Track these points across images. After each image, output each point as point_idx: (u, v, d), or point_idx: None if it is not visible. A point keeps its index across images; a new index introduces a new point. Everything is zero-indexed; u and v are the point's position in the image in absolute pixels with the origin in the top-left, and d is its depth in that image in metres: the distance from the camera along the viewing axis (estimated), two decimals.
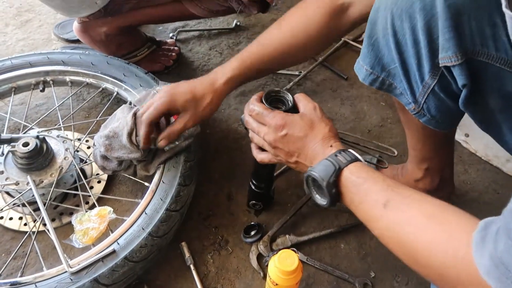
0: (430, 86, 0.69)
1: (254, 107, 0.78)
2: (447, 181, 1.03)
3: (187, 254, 0.98)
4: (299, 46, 0.89)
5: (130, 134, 0.93)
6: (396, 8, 0.66)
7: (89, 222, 0.88)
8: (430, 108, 0.73)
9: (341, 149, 0.70)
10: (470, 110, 0.69)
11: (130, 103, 1.09)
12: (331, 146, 0.71)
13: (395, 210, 0.59)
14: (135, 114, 0.95)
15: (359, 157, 0.69)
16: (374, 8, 0.71)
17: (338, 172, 0.66)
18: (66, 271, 0.82)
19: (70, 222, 1.03)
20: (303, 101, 0.78)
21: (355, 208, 0.66)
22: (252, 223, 1.04)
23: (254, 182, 0.99)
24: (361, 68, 0.77)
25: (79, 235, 0.87)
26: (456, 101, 0.69)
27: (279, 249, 0.99)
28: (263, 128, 0.77)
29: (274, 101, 0.81)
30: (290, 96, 0.80)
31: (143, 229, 0.88)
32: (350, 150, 0.70)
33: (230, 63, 0.90)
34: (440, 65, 0.64)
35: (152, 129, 0.90)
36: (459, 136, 1.27)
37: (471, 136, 1.25)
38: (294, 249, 1.00)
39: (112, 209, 0.91)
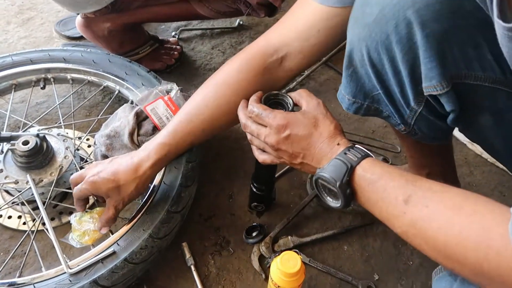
0: (417, 111, 0.67)
1: (253, 108, 0.73)
2: (452, 184, 1.01)
3: (188, 255, 0.97)
4: (231, 113, 0.80)
5: (131, 134, 0.92)
6: (371, 41, 0.63)
7: (89, 222, 0.87)
8: (421, 127, 0.71)
9: (349, 146, 0.66)
10: (460, 128, 0.69)
11: (132, 102, 1.08)
12: (338, 144, 0.66)
13: (418, 206, 0.56)
14: (136, 114, 0.94)
15: (369, 152, 0.65)
16: (348, 41, 0.68)
17: (351, 171, 0.62)
18: (65, 272, 0.81)
19: (69, 222, 1.02)
20: (305, 98, 0.73)
21: (371, 206, 0.62)
22: (254, 224, 1.03)
23: (255, 184, 0.98)
24: (343, 97, 0.74)
25: (78, 235, 0.86)
26: (445, 120, 0.67)
27: (281, 251, 0.98)
28: (263, 129, 0.71)
29: (273, 104, 0.76)
30: (290, 98, 0.76)
31: (143, 230, 0.87)
32: (358, 146, 0.66)
33: (153, 147, 0.83)
34: (425, 94, 0.62)
35: (83, 202, 0.88)
36: (464, 138, 1.25)
37: None
38: (297, 250, 0.99)
39: None
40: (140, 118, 0.95)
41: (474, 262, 0.49)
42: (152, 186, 0.95)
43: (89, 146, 1.15)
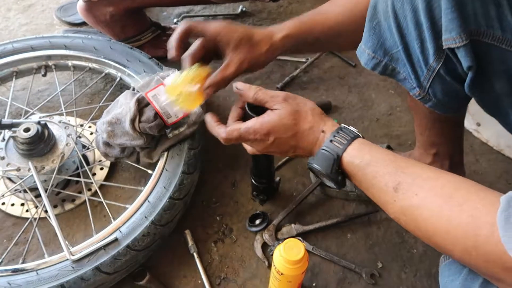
0: (435, 69, 0.66)
1: (228, 137, 0.72)
2: (457, 167, 0.99)
3: (190, 242, 0.96)
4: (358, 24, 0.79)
5: (133, 121, 0.90)
6: None
7: (186, 84, 0.76)
8: (436, 92, 0.70)
9: (335, 129, 0.66)
10: (476, 95, 0.66)
11: (133, 89, 1.07)
12: (323, 131, 0.67)
13: (408, 193, 0.56)
14: (138, 100, 0.93)
15: (356, 131, 0.65)
16: None
17: (337, 160, 0.63)
18: (67, 259, 0.81)
19: (72, 209, 1.02)
20: (269, 100, 0.70)
21: (365, 190, 0.63)
22: (257, 211, 1.02)
23: (254, 177, 0.97)
24: (363, 52, 0.74)
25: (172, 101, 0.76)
26: (462, 84, 0.66)
27: (285, 239, 0.98)
28: (250, 142, 0.72)
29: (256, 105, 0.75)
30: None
31: (145, 217, 0.86)
32: (344, 126, 0.66)
33: (288, 22, 0.81)
34: (444, 47, 0.61)
35: (184, 37, 0.79)
36: (470, 125, 1.24)
37: (482, 125, 1.22)
38: (300, 238, 0.98)
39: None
40: (142, 104, 0.93)
41: (462, 249, 0.50)
42: (153, 174, 0.95)
43: (91, 133, 1.14)
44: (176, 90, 0.74)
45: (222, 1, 1.25)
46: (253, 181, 0.98)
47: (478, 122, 1.22)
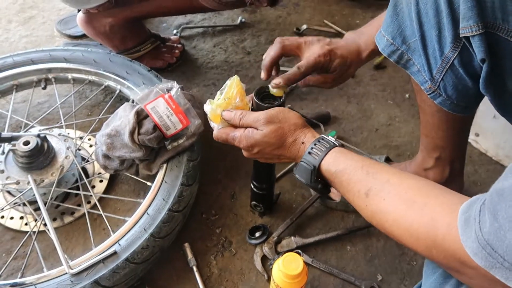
0: (450, 59, 0.67)
1: (216, 136, 0.80)
2: (457, 175, 1.00)
3: (190, 255, 0.96)
4: None
5: (132, 133, 0.91)
6: None
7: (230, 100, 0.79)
8: (447, 86, 0.72)
9: (314, 140, 0.70)
10: (489, 92, 0.67)
11: (133, 101, 1.07)
12: (303, 143, 0.72)
13: (377, 199, 0.60)
14: (137, 113, 0.93)
15: (333, 140, 0.70)
16: None
17: (315, 171, 0.68)
18: (66, 273, 0.81)
19: (71, 222, 1.02)
20: (252, 124, 0.75)
21: (343, 196, 0.67)
22: (257, 224, 1.02)
23: (255, 183, 0.97)
24: (382, 37, 0.76)
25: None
26: (474, 79, 0.68)
27: (284, 251, 0.98)
28: (236, 146, 0.78)
29: (265, 97, 0.81)
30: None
31: (145, 230, 0.86)
32: (323, 137, 0.70)
33: (372, 35, 0.85)
34: (461, 35, 0.62)
35: (278, 60, 0.87)
36: (470, 136, 1.24)
37: (481, 136, 1.22)
38: (299, 251, 0.98)
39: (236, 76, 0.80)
40: (141, 117, 0.94)
41: (425, 248, 0.54)
42: (153, 186, 0.95)
43: (90, 146, 1.14)
44: (218, 116, 0.78)
45: (220, 7, 1.26)
46: (252, 187, 0.98)
47: (477, 133, 1.22)
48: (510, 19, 0.58)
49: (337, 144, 0.69)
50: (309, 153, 0.69)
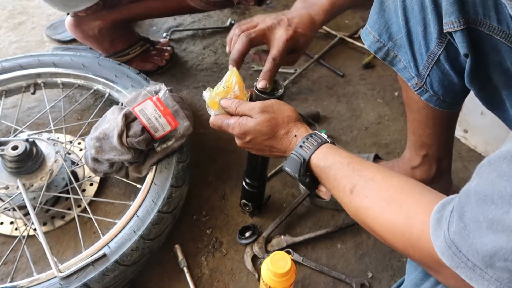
0: (436, 55, 0.68)
1: (212, 122, 0.80)
2: (445, 173, 1.00)
3: (180, 257, 0.96)
4: None
5: (120, 136, 0.91)
6: None
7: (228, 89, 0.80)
8: (433, 82, 0.72)
9: (306, 135, 0.71)
10: (474, 86, 0.68)
11: (121, 104, 1.07)
12: (295, 136, 0.72)
13: (360, 195, 0.61)
14: (125, 115, 0.94)
15: (325, 137, 0.70)
16: None
17: (305, 164, 0.68)
18: (55, 276, 0.81)
19: (62, 226, 1.02)
20: (247, 111, 0.75)
21: (330, 191, 0.69)
22: (247, 224, 1.03)
23: (247, 180, 0.98)
24: (369, 34, 0.77)
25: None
26: (460, 75, 0.69)
27: (274, 250, 0.98)
28: (230, 132, 0.78)
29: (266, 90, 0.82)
30: (281, 85, 0.83)
31: (134, 232, 0.86)
32: (316, 133, 0.71)
33: (323, 5, 0.86)
34: (444, 31, 0.63)
35: (246, 52, 0.84)
36: (457, 132, 1.25)
37: (470, 132, 1.23)
38: (289, 249, 0.98)
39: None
40: (129, 119, 0.94)
41: (402, 247, 0.55)
42: (142, 188, 0.95)
43: (80, 149, 1.15)
44: (216, 103, 0.79)
45: (208, 7, 1.27)
46: (244, 184, 0.98)
47: (465, 129, 1.24)
48: (492, 14, 0.59)
49: (328, 140, 0.70)
50: (301, 146, 0.69)
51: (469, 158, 1.22)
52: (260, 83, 0.81)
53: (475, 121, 1.20)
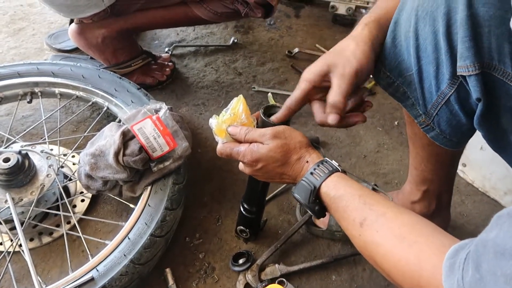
0: (446, 95, 0.67)
1: (220, 151, 0.77)
2: (444, 209, 1.00)
3: (170, 282, 0.93)
4: None
5: (117, 154, 0.89)
6: (422, 9, 0.65)
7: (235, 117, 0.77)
8: (441, 121, 0.72)
9: (318, 161, 0.69)
10: (483, 129, 0.68)
11: (120, 121, 1.05)
12: (307, 162, 0.71)
13: (370, 230, 0.60)
14: (123, 133, 0.91)
15: (336, 165, 0.69)
16: (399, 7, 0.70)
17: (315, 191, 0.67)
18: None
19: (49, 242, 0.99)
20: (258, 138, 0.73)
21: (338, 221, 0.67)
22: (241, 250, 1.00)
23: (245, 206, 0.95)
24: (379, 70, 0.76)
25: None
26: (469, 116, 0.68)
27: (268, 280, 0.95)
28: (240, 163, 0.77)
29: (272, 115, 0.79)
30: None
31: (124, 255, 0.83)
32: (327, 160, 0.70)
33: (364, 32, 0.73)
34: (458, 73, 0.63)
35: (305, 102, 0.75)
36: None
37: (468, 166, 1.23)
38: (283, 279, 0.96)
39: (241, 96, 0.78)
40: (127, 137, 0.92)
41: (410, 287, 0.54)
42: (135, 209, 0.92)
43: (74, 163, 1.12)
44: (223, 131, 0.77)
45: (215, 18, 1.26)
46: (242, 210, 0.96)
47: (464, 163, 1.23)
48: (506, 61, 0.59)
49: (339, 169, 0.69)
50: (311, 173, 0.68)
51: (467, 192, 1.21)
52: (277, 115, 0.76)
53: (474, 155, 1.19)
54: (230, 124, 0.77)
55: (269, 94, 0.84)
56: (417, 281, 0.52)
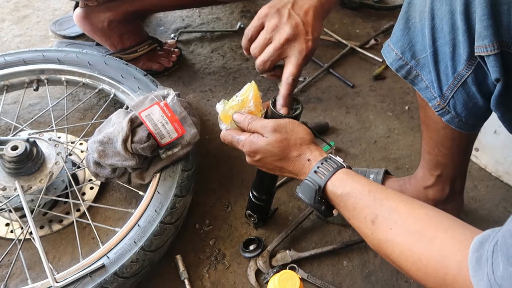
0: (463, 77, 0.65)
1: (222, 137, 0.78)
2: (457, 194, 0.98)
3: (181, 268, 0.93)
4: None
5: (125, 141, 0.88)
6: None
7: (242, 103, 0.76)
8: (457, 104, 0.70)
9: (321, 159, 0.67)
10: (501, 110, 0.66)
11: (127, 108, 1.04)
12: (308, 160, 0.69)
13: (383, 227, 0.58)
14: (131, 120, 0.90)
15: (341, 161, 0.67)
16: None
17: (320, 191, 0.66)
18: (51, 286, 0.77)
19: (60, 230, 0.99)
20: (259, 129, 0.72)
21: (348, 220, 0.65)
22: (252, 236, 0.99)
23: (254, 193, 0.94)
24: (391, 51, 0.74)
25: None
26: (486, 98, 0.66)
27: (279, 266, 0.95)
28: (240, 149, 0.76)
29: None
30: (299, 103, 0.79)
31: (135, 242, 0.83)
32: (331, 157, 0.68)
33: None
34: (476, 54, 0.60)
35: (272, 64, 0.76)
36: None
37: (481, 151, 1.20)
38: (294, 265, 0.95)
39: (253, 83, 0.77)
40: (135, 124, 0.91)
41: (433, 285, 0.52)
42: (145, 196, 0.91)
43: (82, 151, 1.11)
44: (228, 117, 0.77)
45: (228, 0, 1.23)
46: (251, 196, 0.95)
47: (477, 147, 1.21)
48: None
49: (344, 165, 0.67)
50: (315, 172, 0.66)
51: (479, 177, 1.19)
52: (282, 110, 0.76)
53: (487, 139, 1.17)
54: (237, 110, 0.76)
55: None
56: (442, 279, 0.50)
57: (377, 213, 0.59)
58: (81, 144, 1.12)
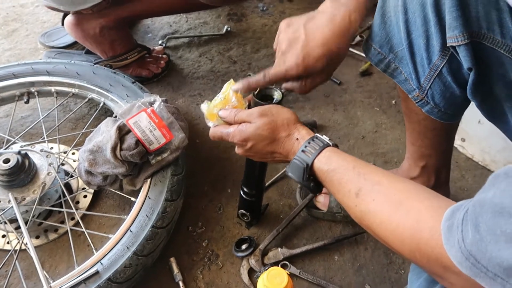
0: (438, 68, 0.67)
1: (211, 134, 0.79)
2: (442, 184, 1.00)
3: (175, 270, 0.95)
4: None
5: (114, 149, 0.90)
6: None
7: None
8: (435, 94, 0.72)
9: (308, 138, 0.70)
10: (477, 99, 0.68)
11: (115, 116, 1.06)
12: (297, 139, 0.71)
13: (367, 199, 0.60)
14: (119, 128, 0.92)
15: (327, 140, 0.69)
16: None
17: (308, 169, 0.67)
18: None
19: (55, 239, 1.01)
20: (246, 118, 0.74)
21: (334, 195, 0.67)
22: (244, 236, 1.01)
23: (244, 189, 0.96)
24: (370, 46, 0.76)
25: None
26: (462, 87, 0.68)
27: (271, 263, 0.97)
28: (230, 141, 0.77)
29: (264, 98, 0.82)
30: (279, 92, 0.82)
31: (127, 248, 0.85)
32: (318, 136, 0.70)
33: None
34: (448, 45, 0.63)
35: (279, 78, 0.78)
36: (455, 141, 1.24)
37: (467, 141, 1.22)
38: (286, 262, 0.97)
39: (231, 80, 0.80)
40: (123, 132, 0.93)
41: (409, 251, 0.54)
42: (136, 202, 0.93)
43: (74, 160, 1.13)
44: (214, 115, 0.79)
45: (218, 3, 1.24)
46: (242, 193, 0.97)
47: (463, 138, 1.23)
48: (495, 28, 0.59)
49: (330, 143, 0.69)
50: (303, 151, 0.68)
51: (467, 167, 1.21)
52: (236, 85, 0.79)
53: (472, 130, 1.19)
54: (221, 108, 0.78)
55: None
56: (416, 244, 0.52)
57: (360, 186, 0.61)
58: (73, 153, 1.14)
